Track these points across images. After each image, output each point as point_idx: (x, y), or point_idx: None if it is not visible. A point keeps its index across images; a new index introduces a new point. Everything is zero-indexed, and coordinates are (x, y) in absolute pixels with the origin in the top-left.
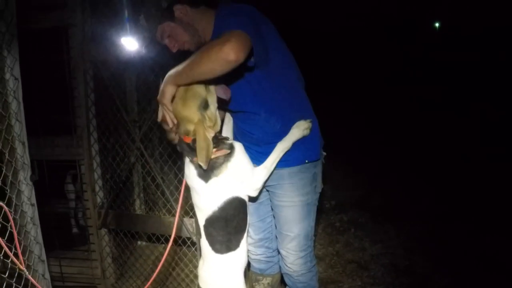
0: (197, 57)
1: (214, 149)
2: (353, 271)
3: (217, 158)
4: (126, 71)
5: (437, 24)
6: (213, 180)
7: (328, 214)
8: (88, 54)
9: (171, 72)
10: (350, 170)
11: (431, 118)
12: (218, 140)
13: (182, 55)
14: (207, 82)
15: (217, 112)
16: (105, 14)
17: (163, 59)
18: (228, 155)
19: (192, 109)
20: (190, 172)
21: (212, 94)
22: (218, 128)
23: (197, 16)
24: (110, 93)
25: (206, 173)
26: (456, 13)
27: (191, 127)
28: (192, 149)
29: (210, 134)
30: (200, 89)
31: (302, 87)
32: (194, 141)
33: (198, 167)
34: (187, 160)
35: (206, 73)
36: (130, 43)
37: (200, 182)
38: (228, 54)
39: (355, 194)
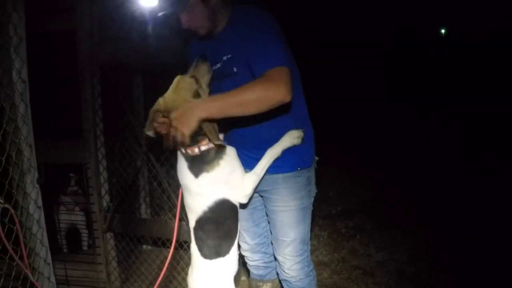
0: (242, 96)
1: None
2: (358, 278)
3: (208, 150)
4: (134, 75)
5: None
6: (204, 176)
7: (333, 220)
8: (95, 58)
9: (204, 104)
10: (355, 176)
11: (436, 125)
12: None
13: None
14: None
15: None
16: (113, 19)
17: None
18: (221, 152)
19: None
20: (181, 166)
21: (200, 85)
22: None
23: (220, 9)
24: (117, 96)
25: (196, 167)
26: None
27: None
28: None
29: None
30: (191, 85)
31: (303, 92)
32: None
33: (189, 159)
34: (179, 154)
35: (252, 111)
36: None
37: (190, 176)
38: (278, 96)
39: (360, 200)
